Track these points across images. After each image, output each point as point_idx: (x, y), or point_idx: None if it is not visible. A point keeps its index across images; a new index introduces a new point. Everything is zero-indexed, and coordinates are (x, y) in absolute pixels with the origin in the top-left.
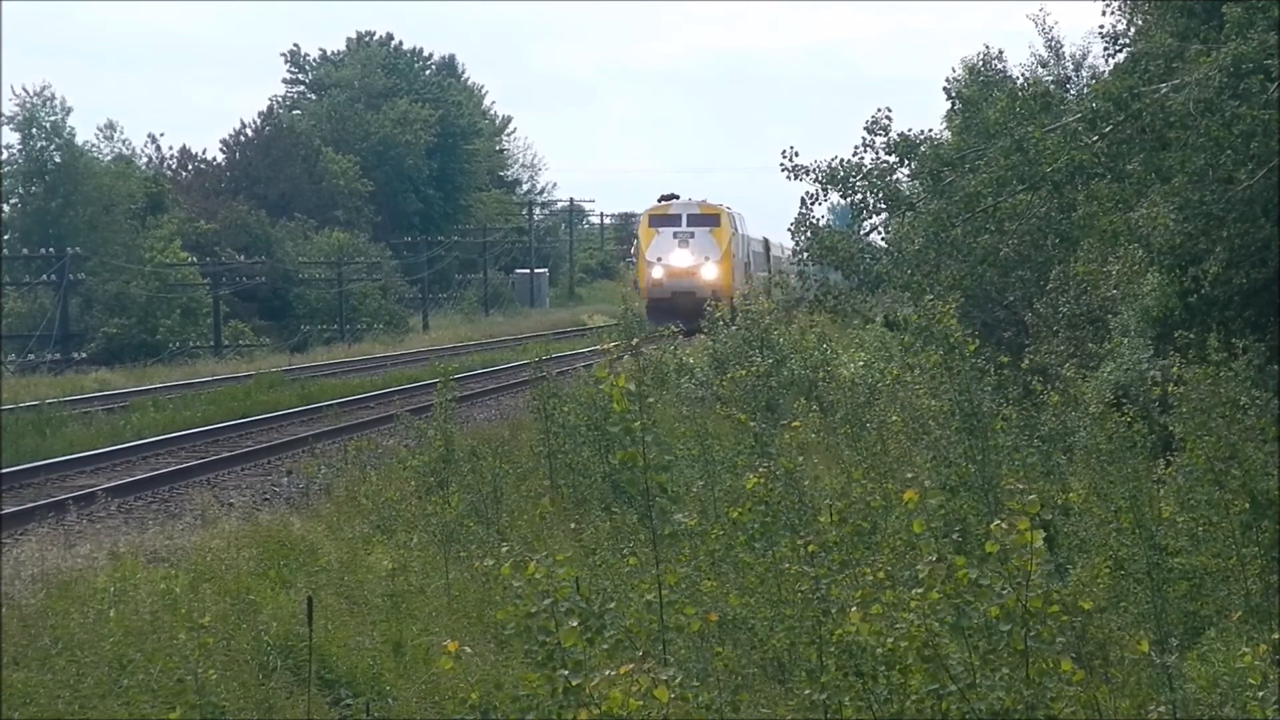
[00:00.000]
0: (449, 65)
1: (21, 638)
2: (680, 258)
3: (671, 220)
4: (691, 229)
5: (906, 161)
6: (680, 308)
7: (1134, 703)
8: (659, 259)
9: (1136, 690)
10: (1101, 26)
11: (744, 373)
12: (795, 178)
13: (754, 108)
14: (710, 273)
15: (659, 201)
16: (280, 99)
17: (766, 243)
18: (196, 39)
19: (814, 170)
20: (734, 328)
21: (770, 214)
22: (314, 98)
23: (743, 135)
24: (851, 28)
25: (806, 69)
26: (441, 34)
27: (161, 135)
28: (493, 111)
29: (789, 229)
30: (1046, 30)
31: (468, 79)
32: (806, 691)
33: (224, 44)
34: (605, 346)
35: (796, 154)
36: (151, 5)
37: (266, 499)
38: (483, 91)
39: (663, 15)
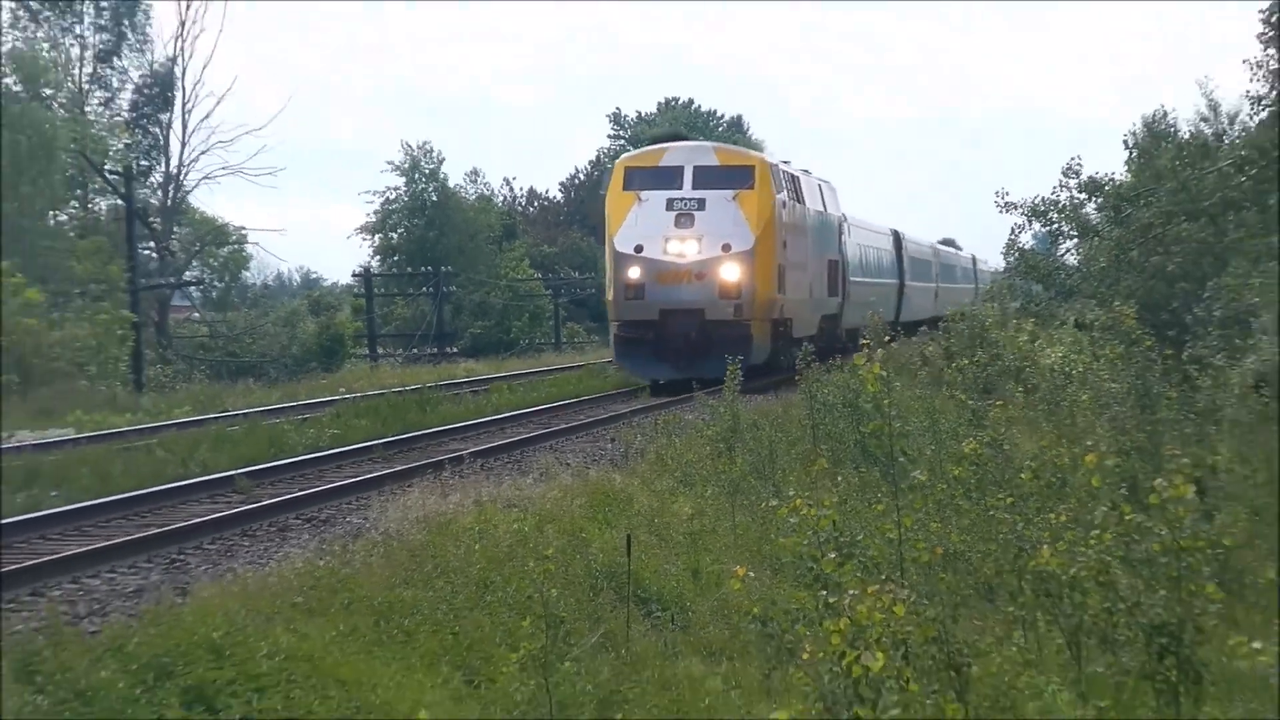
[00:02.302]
0: (736, 123)
1: (410, 564)
2: (679, 246)
3: (663, 178)
4: (700, 193)
5: (1094, 198)
6: (677, 338)
7: (1265, 618)
8: (638, 248)
9: (1268, 609)
10: (1248, 91)
11: (967, 363)
12: (1005, 211)
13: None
14: (732, 272)
15: (646, 148)
16: (606, 150)
17: (897, 238)
18: (544, 106)
19: (1021, 206)
20: (961, 327)
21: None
22: (632, 149)
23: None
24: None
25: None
26: (729, 98)
27: (514, 179)
28: None
29: (1001, 252)
30: (1208, 93)
31: (751, 134)
32: (1009, 609)
33: (563, 109)
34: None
35: (1008, 193)
36: (510, 85)
37: (594, 460)
38: (762, 145)
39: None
